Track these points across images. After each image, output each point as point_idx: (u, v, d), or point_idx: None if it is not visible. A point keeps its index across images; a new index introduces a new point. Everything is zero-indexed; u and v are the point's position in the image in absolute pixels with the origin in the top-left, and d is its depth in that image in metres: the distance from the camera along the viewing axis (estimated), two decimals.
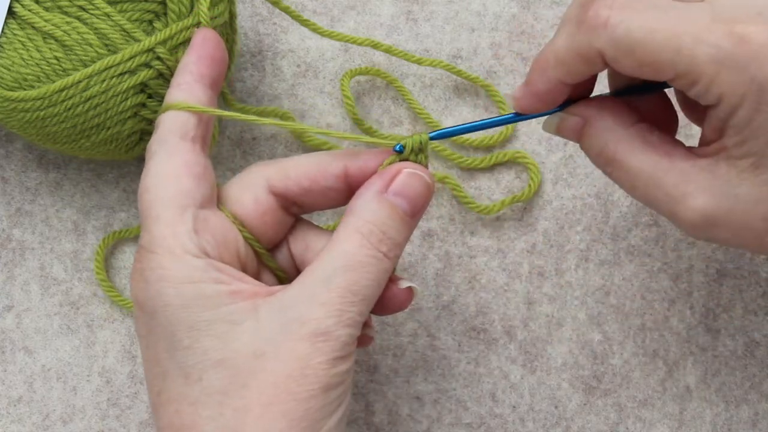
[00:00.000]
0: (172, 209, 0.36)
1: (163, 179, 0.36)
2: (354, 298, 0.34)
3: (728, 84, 0.32)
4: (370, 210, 0.36)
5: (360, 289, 0.35)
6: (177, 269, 0.35)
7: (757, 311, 0.47)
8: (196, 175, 0.37)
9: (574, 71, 0.35)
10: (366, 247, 0.35)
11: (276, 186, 0.38)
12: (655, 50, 0.32)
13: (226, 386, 0.34)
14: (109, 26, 0.41)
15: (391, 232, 0.36)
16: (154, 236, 0.35)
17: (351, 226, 0.35)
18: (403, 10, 0.50)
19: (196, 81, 0.39)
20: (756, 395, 0.47)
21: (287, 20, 0.50)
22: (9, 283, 0.49)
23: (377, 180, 0.36)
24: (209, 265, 0.35)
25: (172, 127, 0.37)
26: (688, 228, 0.34)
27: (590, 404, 0.47)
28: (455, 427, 0.47)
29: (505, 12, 0.50)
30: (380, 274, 0.35)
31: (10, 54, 0.42)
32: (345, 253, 0.35)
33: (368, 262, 0.35)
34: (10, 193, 0.49)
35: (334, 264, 0.35)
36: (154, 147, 0.37)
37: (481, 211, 0.47)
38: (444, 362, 0.47)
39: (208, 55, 0.39)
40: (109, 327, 0.48)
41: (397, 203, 0.36)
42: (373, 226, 0.35)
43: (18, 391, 0.48)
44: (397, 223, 0.36)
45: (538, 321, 0.48)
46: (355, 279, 0.35)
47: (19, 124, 0.43)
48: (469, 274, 0.48)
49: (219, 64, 0.40)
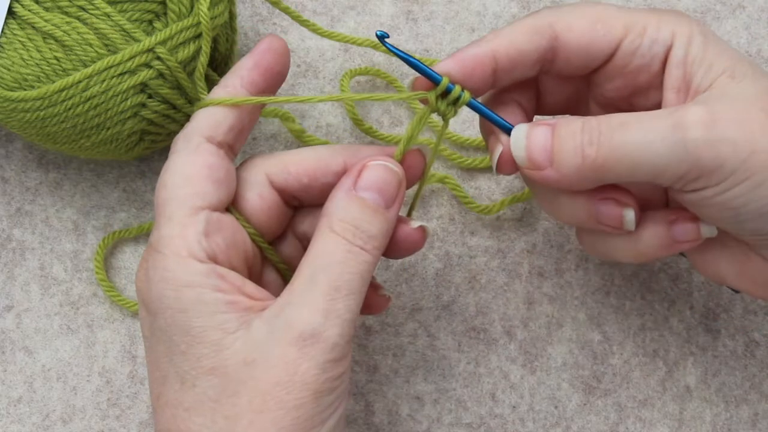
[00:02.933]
0: (186, 210, 0.35)
1: (182, 178, 0.36)
2: (338, 294, 0.34)
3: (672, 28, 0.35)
4: (341, 208, 0.36)
5: (343, 284, 0.34)
6: (179, 272, 0.34)
7: (757, 311, 0.47)
8: (215, 179, 0.36)
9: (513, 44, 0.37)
10: (341, 244, 0.35)
11: (276, 181, 0.38)
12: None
13: (218, 394, 0.34)
14: (109, 26, 0.41)
15: (365, 225, 0.35)
16: (163, 236, 0.35)
17: (325, 227, 0.35)
18: (403, 10, 0.50)
19: (244, 86, 0.38)
20: (756, 395, 0.47)
21: (287, 20, 0.50)
22: (9, 283, 0.49)
23: (345, 179, 0.36)
24: (212, 271, 0.35)
25: (201, 126, 0.37)
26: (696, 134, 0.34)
27: (590, 404, 0.47)
28: (455, 427, 0.47)
29: (505, 12, 0.50)
30: (361, 267, 0.35)
31: (10, 54, 0.42)
32: (323, 252, 0.35)
33: (346, 258, 0.35)
34: (10, 193, 0.49)
35: (314, 265, 0.35)
36: (179, 144, 0.37)
37: (481, 211, 0.47)
38: (444, 362, 0.47)
39: (266, 65, 0.38)
40: (109, 327, 0.48)
41: (366, 197, 0.36)
42: (345, 222, 0.35)
43: (18, 391, 0.48)
44: (369, 216, 0.36)
45: (538, 321, 0.48)
46: (336, 275, 0.34)
47: (19, 124, 0.43)
48: (469, 274, 0.48)
49: (274, 77, 0.39)
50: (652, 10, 0.37)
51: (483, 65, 0.36)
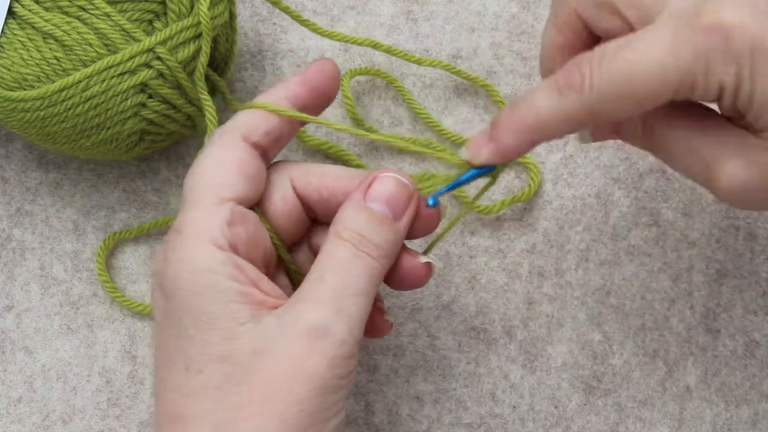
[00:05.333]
0: (213, 197, 0.36)
1: (213, 167, 0.37)
2: (347, 292, 0.35)
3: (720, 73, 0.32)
4: (348, 218, 0.36)
5: (352, 282, 0.35)
6: (198, 255, 0.35)
7: (757, 311, 0.47)
8: (246, 174, 0.37)
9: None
10: (348, 248, 0.35)
11: (298, 188, 0.39)
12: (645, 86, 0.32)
13: (224, 382, 0.34)
14: (109, 26, 0.41)
15: (371, 235, 0.36)
16: (187, 219, 0.36)
17: (333, 234, 0.36)
18: (403, 10, 0.50)
19: (287, 98, 0.39)
20: (756, 395, 0.47)
21: (287, 20, 0.50)
22: (9, 283, 0.49)
23: (356, 191, 0.37)
24: (230, 260, 0.35)
25: (239, 124, 0.38)
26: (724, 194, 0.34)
27: (590, 404, 0.47)
28: (455, 427, 0.47)
29: (505, 12, 0.50)
30: (370, 271, 0.36)
31: (10, 54, 0.42)
32: (332, 255, 0.35)
33: (354, 261, 0.35)
34: (10, 193, 0.49)
35: (323, 266, 0.35)
36: (216, 136, 0.38)
37: (481, 211, 0.47)
38: (444, 362, 0.47)
39: (315, 84, 0.39)
40: (109, 327, 0.48)
41: (375, 208, 0.36)
42: (352, 231, 0.36)
43: (18, 391, 0.48)
44: (376, 226, 0.36)
45: (538, 321, 0.48)
46: (345, 274, 0.35)
47: (19, 124, 0.43)
48: (469, 274, 0.48)
49: (320, 97, 0.39)
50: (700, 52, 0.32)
51: None
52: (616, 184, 0.48)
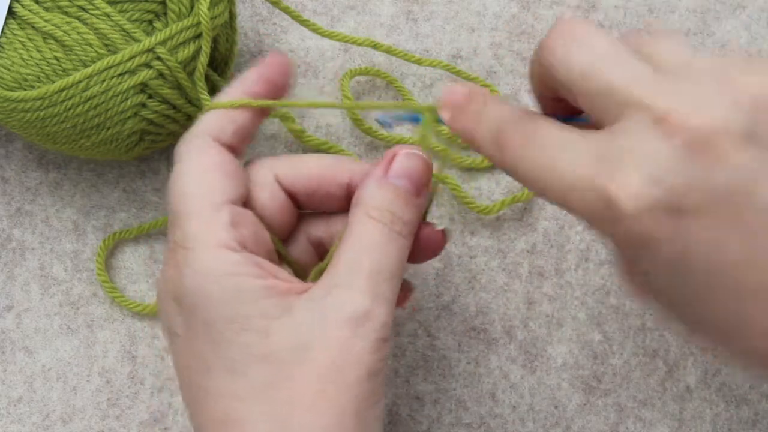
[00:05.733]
0: (206, 205, 0.36)
1: (196, 176, 0.36)
2: (381, 277, 0.35)
3: (604, 235, 0.30)
4: (375, 195, 0.36)
5: (385, 267, 0.35)
6: (216, 263, 0.35)
7: None
8: (228, 173, 0.37)
9: None
10: (381, 229, 0.35)
11: (283, 182, 0.39)
12: (546, 193, 0.31)
13: (272, 380, 0.34)
14: (109, 26, 0.41)
15: (399, 211, 0.36)
16: (189, 233, 0.35)
17: (361, 214, 0.36)
18: (403, 10, 0.50)
19: (246, 95, 0.39)
20: (756, 395, 0.47)
21: (287, 20, 0.50)
22: (9, 283, 0.49)
23: (376, 168, 0.37)
24: (247, 258, 0.35)
25: (206, 129, 0.38)
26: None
27: (590, 404, 0.47)
28: (455, 427, 0.47)
29: (505, 12, 0.50)
30: (400, 252, 0.36)
31: (10, 54, 0.42)
32: (362, 237, 0.35)
33: (386, 241, 0.35)
34: (10, 193, 0.49)
35: (354, 249, 0.35)
36: (185, 147, 0.37)
37: (481, 211, 0.47)
38: (444, 362, 0.47)
39: (270, 78, 0.39)
40: (109, 327, 0.48)
41: (398, 184, 0.36)
42: (382, 209, 0.36)
43: (18, 391, 0.48)
44: (402, 202, 0.36)
45: (538, 321, 0.48)
46: (378, 258, 0.35)
47: (19, 124, 0.43)
48: (469, 274, 0.48)
49: (279, 89, 0.39)
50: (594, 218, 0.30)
51: None
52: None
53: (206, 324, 0.34)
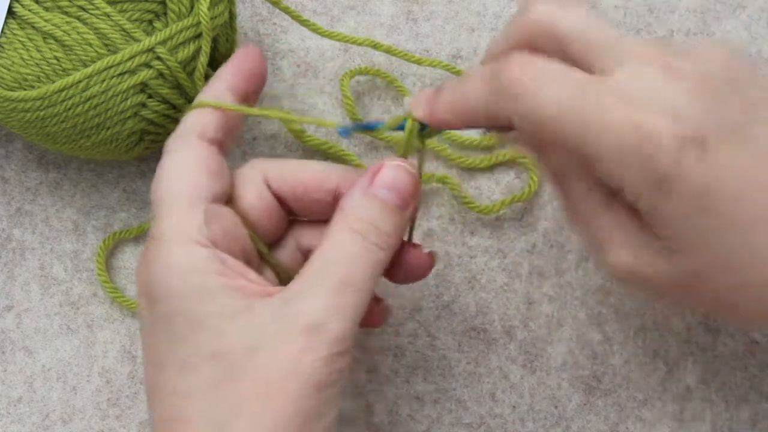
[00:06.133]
0: (184, 201, 0.36)
1: (178, 172, 0.37)
2: (347, 289, 0.34)
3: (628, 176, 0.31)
4: (359, 206, 0.36)
5: (354, 281, 0.34)
6: (182, 258, 0.35)
7: None
8: (210, 172, 0.37)
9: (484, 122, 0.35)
10: (358, 241, 0.35)
11: (271, 184, 0.39)
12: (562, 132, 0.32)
13: (219, 380, 0.33)
14: (109, 26, 0.41)
15: (382, 224, 0.36)
16: (163, 226, 0.36)
17: (341, 223, 0.35)
18: (403, 10, 0.50)
19: (228, 89, 0.39)
20: (756, 395, 0.47)
21: (287, 20, 0.50)
22: (9, 283, 0.49)
23: (363, 178, 0.37)
24: (214, 255, 0.35)
25: (192, 126, 0.38)
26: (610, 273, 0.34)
27: (590, 404, 0.47)
28: (455, 427, 0.47)
29: (505, 12, 0.50)
30: (374, 265, 0.35)
31: (10, 54, 0.42)
32: (337, 246, 0.35)
33: (361, 254, 0.35)
34: (10, 193, 0.49)
35: (327, 258, 0.35)
36: (171, 144, 0.38)
37: (481, 211, 0.47)
38: (444, 362, 0.47)
39: (247, 69, 0.40)
40: (109, 327, 0.48)
41: (384, 196, 0.36)
42: (364, 221, 0.35)
43: (18, 391, 0.48)
44: (386, 215, 0.36)
45: (538, 321, 0.48)
46: (348, 271, 0.34)
47: (19, 124, 0.43)
48: (469, 274, 0.48)
49: (257, 78, 0.40)
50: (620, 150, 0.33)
51: None
52: None
53: (165, 319, 0.34)
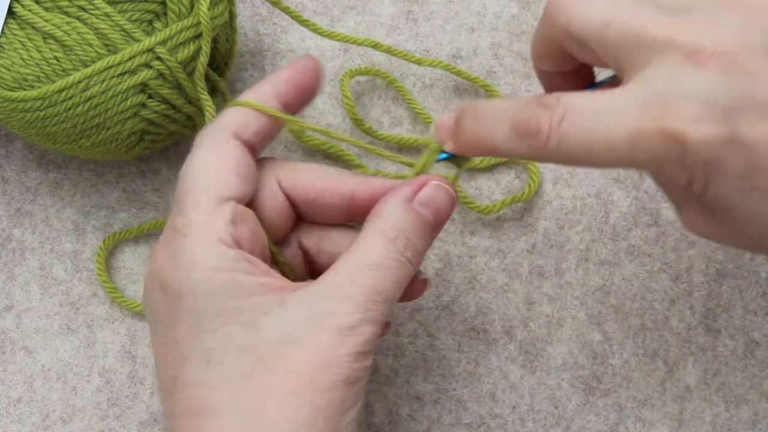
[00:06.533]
0: (214, 198, 0.36)
1: (210, 168, 0.36)
2: (378, 298, 0.35)
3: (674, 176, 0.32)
4: (397, 216, 0.36)
5: (384, 290, 0.35)
6: (210, 257, 0.35)
7: (757, 311, 0.47)
8: (242, 173, 0.37)
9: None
10: (391, 251, 0.36)
11: (284, 187, 0.39)
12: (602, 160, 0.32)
13: (249, 371, 0.34)
14: (109, 26, 0.41)
15: (415, 239, 0.36)
16: (191, 221, 0.35)
17: (377, 229, 0.36)
18: (403, 10, 0.50)
19: (274, 96, 0.38)
20: (756, 395, 0.47)
21: (287, 20, 0.50)
22: (9, 283, 0.49)
23: (405, 188, 0.37)
24: (241, 255, 0.35)
25: (229, 122, 0.38)
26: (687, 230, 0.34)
27: (590, 404, 0.47)
28: (455, 427, 0.47)
29: (505, 12, 0.50)
30: (403, 278, 0.36)
31: (10, 54, 0.42)
32: (371, 253, 0.35)
33: (393, 265, 0.36)
34: (10, 193, 0.49)
35: (360, 262, 0.35)
36: (206, 136, 0.37)
37: (481, 211, 0.47)
38: (444, 362, 0.47)
39: (300, 82, 0.39)
40: (109, 327, 0.48)
41: (422, 213, 0.37)
42: (399, 231, 0.36)
43: (18, 391, 0.48)
44: (421, 231, 0.36)
45: (538, 321, 0.48)
46: (379, 279, 0.35)
47: (19, 124, 0.43)
48: (469, 274, 0.48)
49: (305, 94, 0.39)
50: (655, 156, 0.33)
51: None
52: (616, 184, 0.48)
53: (191, 313, 0.35)
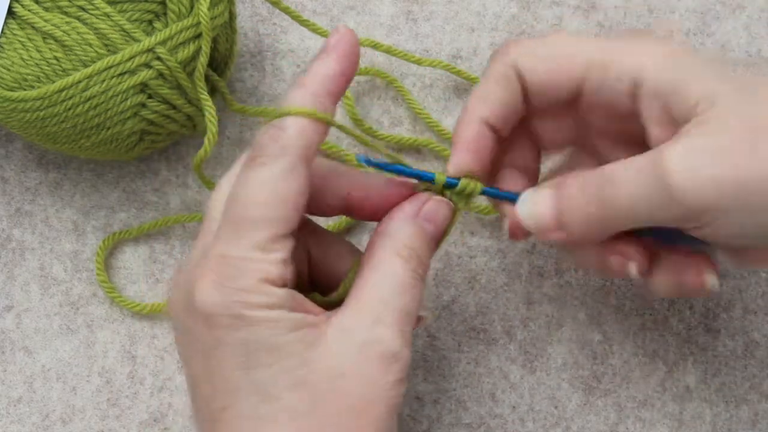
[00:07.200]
0: (272, 233, 0.34)
1: (274, 198, 0.34)
2: (408, 320, 0.36)
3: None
4: (407, 234, 0.37)
5: (411, 311, 0.36)
6: (261, 295, 0.34)
7: (757, 311, 0.47)
8: (298, 206, 0.35)
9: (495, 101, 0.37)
10: (408, 271, 0.36)
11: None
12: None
13: (305, 406, 0.34)
14: (109, 26, 0.41)
15: (423, 255, 0.37)
16: (246, 256, 0.34)
17: (391, 249, 0.36)
18: (403, 10, 0.50)
19: (329, 95, 0.36)
20: (756, 395, 0.47)
21: (287, 20, 0.50)
22: (9, 283, 0.49)
23: (409, 205, 0.37)
24: (289, 294, 0.35)
25: (301, 142, 0.35)
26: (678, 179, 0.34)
27: (590, 404, 0.47)
28: (455, 427, 0.47)
29: (505, 12, 0.50)
30: (420, 295, 0.36)
31: (10, 54, 0.42)
32: (394, 275, 0.36)
33: (412, 284, 0.36)
34: (10, 193, 0.49)
35: (389, 288, 0.36)
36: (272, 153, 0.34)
37: (481, 211, 0.47)
38: (444, 362, 0.47)
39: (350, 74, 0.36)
40: (109, 327, 0.48)
41: (426, 228, 0.37)
42: (411, 249, 0.36)
43: (18, 391, 0.48)
44: (426, 246, 0.37)
45: (538, 321, 0.48)
46: (408, 302, 0.36)
47: (19, 124, 0.43)
48: (469, 274, 0.48)
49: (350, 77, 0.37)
50: (622, 37, 0.37)
51: (485, 139, 0.38)
52: None
53: (241, 348, 0.34)
